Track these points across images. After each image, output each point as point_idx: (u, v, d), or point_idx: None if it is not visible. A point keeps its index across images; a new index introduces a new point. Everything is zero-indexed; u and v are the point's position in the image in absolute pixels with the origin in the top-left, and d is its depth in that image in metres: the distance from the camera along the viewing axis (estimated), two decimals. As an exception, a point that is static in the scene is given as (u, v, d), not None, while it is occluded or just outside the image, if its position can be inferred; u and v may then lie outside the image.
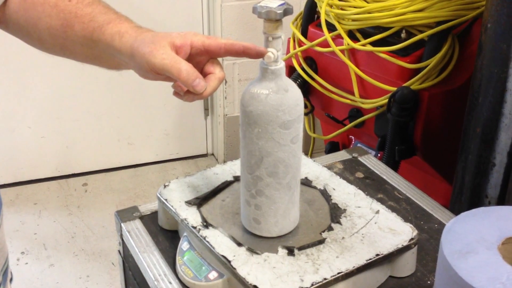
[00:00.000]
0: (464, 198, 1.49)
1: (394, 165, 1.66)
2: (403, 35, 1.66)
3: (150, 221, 1.14)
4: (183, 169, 3.00)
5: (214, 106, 2.91)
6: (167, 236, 1.10)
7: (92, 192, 2.78)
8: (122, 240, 1.14)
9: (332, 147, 2.08)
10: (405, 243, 0.99)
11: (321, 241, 0.99)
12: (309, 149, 2.37)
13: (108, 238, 2.47)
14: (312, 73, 1.87)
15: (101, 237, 2.49)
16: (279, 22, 0.88)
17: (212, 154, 3.09)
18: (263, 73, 0.91)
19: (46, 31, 0.87)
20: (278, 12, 0.87)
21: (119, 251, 1.18)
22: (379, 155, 1.76)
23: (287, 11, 0.87)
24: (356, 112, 1.81)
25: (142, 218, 1.14)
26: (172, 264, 1.03)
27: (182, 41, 0.85)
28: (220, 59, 3.03)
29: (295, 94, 0.92)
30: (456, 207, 1.51)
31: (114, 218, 1.15)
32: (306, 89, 1.93)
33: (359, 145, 1.93)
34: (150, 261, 1.04)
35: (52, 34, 0.87)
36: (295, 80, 1.91)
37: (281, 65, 0.91)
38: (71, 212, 2.62)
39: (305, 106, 2.04)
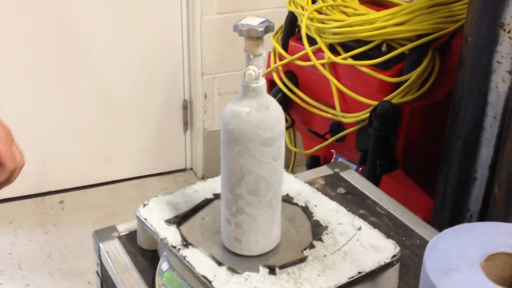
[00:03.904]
0: (446, 212, 1.50)
1: (375, 180, 1.67)
2: (383, 48, 1.67)
3: (129, 240, 1.14)
4: (161, 184, 2.99)
5: (194, 120, 2.91)
6: (146, 256, 1.10)
7: (69, 210, 2.75)
8: (100, 260, 1.13)
9: (314, 161, 2.08)
10: (388, 260, 1.00)
11: (303, 259, 0.99)
12: (290, 163, 2.37)
13: (85, 256, 2.45)
14: (293, 87, 1.88)
15: (77, 256, 2.47)
16: (260, 39, 0.89)
17: (191, 169, 3.09)
18: (244, 91, 0.92)
19: None
20: (259, 30, 0.88)
21: (97, 271, 1.18)
22: (360, 169, 1.77)
23: (268, 29, 0.89)
24: (337, 126, 1.82)
25: (120, 237, 1.14)
26: (151, 285, 1.03)
27: None
28: (199, 73, 3.02)
29: (276, 111, 0.93)
30: (438, 221, 1.52)
31: (92, 238, 1.14)
32: (286, 103, 1.94)
33: (340, 159, 1.94)
34: (129, 282, 1.04)
35: None
36: (276, 94, 1.92)
37: (262, 82, 0.92)
38: (47, 230, 2.60)
39: (286, 120, 2.04)
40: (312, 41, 1.80)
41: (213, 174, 1.16)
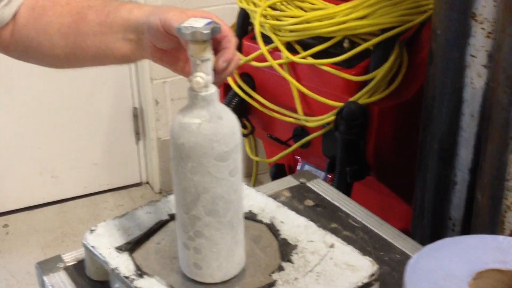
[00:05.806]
0: (426, 222, 1.48)
1: (346, 188, 1.66)
2: (345, 45, 1.66)
3: (76, 271, 1.09)
4: (116, 201, 2.96)
5: (146, 130, 2.88)
6: (96, 288, 1.06)
7: (14, 234, 2.71)
8: (45, 296, 1.09)
9: (278, 170, 2.07)
10: (365, 280, 0.97)
11: (272, 284, 0.96)
12: (253, 173, 2.35)
13: (34, 285, 2.39)
14: (249, 91, 1.86)
15: (25, 285, 2.43)
16: (207, 43, 0.87)
17: (147, 183, 3.06)
18: (192, 100, 0.89)
19: (57, 32, 0.99)
20: (205, 32, 0.85)
21: (41, 309, 1.14)
22: (329, 177, 1.75)
23: (214, 30, 0.87)
24: (301, 131, 1.80)
25: (67, 268, 1.10)
26: (103, 321, 0.99)
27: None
28: (148, 78, 2.98)
29: (231, 121, 0.91)
30: (418, 231, 1.50)
31: (35, 271, 1.10)
32: (244, 108, 1.92)
33: (306, 166, 1.93)
34: (79, 318, 1.00)
35: (64, 33, 0.99)
36: (231, 99, 1.89)
37: (213, 90, 0.89)
38: (-9, 258, 2.55)
39: (245, 127, 2.02)
40: (267, 40, 1.78)
41: (172, 187, 1.13)
